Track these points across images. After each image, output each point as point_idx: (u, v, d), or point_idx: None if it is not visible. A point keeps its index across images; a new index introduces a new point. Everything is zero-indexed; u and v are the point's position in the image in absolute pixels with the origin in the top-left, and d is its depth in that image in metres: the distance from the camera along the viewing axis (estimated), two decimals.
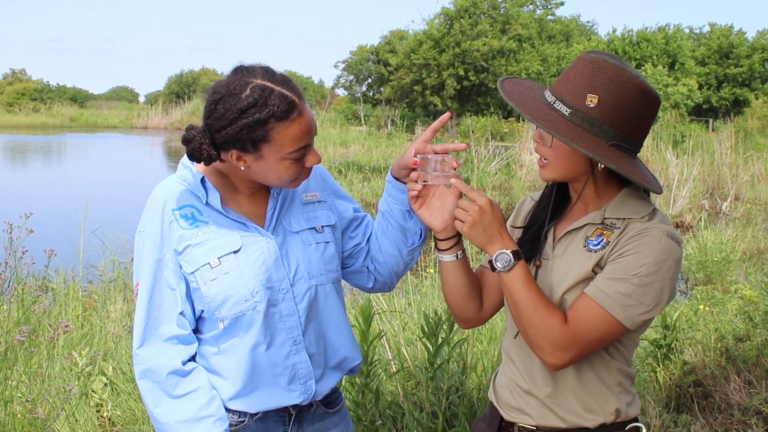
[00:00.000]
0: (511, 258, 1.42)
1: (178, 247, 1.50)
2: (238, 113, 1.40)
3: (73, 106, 52.32)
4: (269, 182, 1.52)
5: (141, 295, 1.52)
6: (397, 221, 1.63)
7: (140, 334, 1.51)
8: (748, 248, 8.38)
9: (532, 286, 1.42)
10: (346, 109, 40.04)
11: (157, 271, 1.51)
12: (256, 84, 1.41)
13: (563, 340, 1.38)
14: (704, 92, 37.31)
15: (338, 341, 1.63)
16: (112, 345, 4.06)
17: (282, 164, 1.46)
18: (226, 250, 1.51)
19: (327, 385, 1.63)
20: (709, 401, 3.44)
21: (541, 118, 1.39)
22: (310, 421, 1.63)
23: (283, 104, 1.41)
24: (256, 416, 1.57)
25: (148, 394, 1.51)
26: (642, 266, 1.36)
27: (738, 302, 4.52)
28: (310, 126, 1.47)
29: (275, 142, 1.43)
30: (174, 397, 1.50)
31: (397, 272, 1.71)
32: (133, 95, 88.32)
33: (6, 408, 2.95)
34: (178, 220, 1.51)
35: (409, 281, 4.53)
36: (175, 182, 1.56)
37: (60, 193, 13.52)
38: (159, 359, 1.50)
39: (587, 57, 1.40)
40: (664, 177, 13.11)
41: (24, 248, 3.74)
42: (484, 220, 1.43)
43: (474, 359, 3.42)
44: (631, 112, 1.37)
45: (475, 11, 34.23)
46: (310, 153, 1.50)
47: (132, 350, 1.55)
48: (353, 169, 14.82)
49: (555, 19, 45.42)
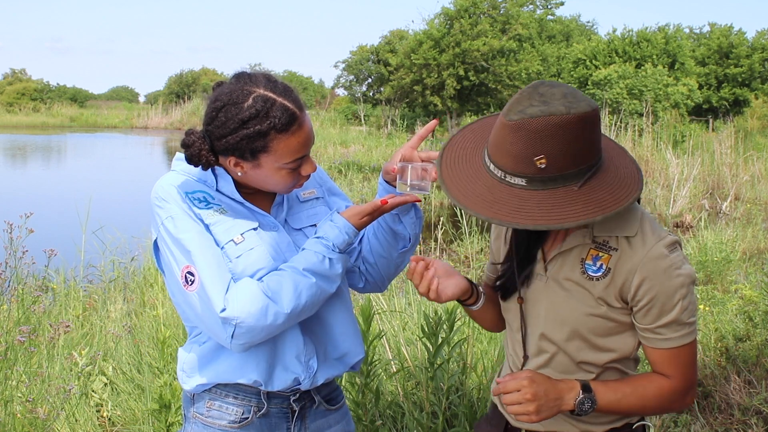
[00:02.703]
0: (587, 399, 1.38)
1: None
2: (240, 123, 1.42)
3: (73, 106, 52.34)
4: (265, 189, 1.55)
5: (201, 267, 1.44)
6: (388, 224, 1.63)
7: (221, 297, 1.42)
8: (748, 248, 8.38)
9: (620, 389, 1.41)
10: (346, 109, 40.06)
11: (207, 239, 1.47)
12: (259, 94, 1.43)
13: (682, 392, 1.43)
14: (704, 92, 37.29)
15: (342, 334, 1.64)
16: (112, 345, 4.06)
17: (279, 173, 1.49)
18: (247, 227, 1.52)
19: (329, 372, 1.62)
20: (709, 401, 3.44)
21: (505, 214, 1.30)
22: (312, 418, 1.65)
23: (284, 117, 1.43)
24: (260, 411, 1.58)
25: (286, 301, 1.44)
26: (676, 302, 1.37)
27: (738, 302, 4.52)
28: (309, 137, 1.49)
29: (274, 152, 1.45)
30: (293, 278, 1.46)
31: (388, 275, 1.71)
32: (133, 95, 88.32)
33: (6, 408, 2.95)
34: (193, 201, 1.52)
35: (409, 281, 4.52)
36: (177, 174, 1.57)
37: (60, 193, 13.53)
38: (248, 295, 1.42)
39: (513, 123, 1.27)
40: (664, 177, 13.11)
41: (24, 248, 3.74)
42: (539, 396, 1.35)
43: (474, 359, 3.42)
44: (583, 144, 1.29)
45: (475, 11, 34.20)
46: (306, 162, 1.52)
47: (216, 318, 1.42)
48: (353, 169, 14.81)
49: (555, 19, 45.40)
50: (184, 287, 1.46)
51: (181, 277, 1.46)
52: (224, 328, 1.42)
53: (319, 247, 1.49)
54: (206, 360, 1.57)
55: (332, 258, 1.50)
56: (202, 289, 1.43)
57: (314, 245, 1.50)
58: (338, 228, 1.51)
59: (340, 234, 1.51)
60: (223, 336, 1.43)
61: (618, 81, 31.28)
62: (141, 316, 4.65)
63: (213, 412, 1.58)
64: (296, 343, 1.56)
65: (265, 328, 1.43)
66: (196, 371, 1.58)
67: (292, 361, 1.56)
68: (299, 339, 1.56)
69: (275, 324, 1.44)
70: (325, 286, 1.50)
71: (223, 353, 1.55)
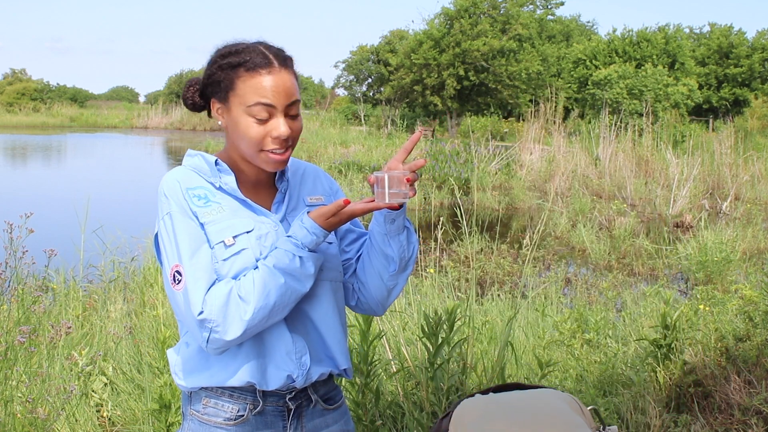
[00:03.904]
0: None
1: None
2: (219, 56, 1.53)
3: (73, 106, 52.38)
4: (240, 147, 1.53)
5: (188, 268, 1.46)
6: (378, 245, 1.61)
7: (200, 300, 1.44)
8: (748, 248, 8.39)
9: None
10: (346, 109, 40.06)
11: (199, 240, 1.49)
12: (250, 42, 1.54)
13: None
14: (704, 92, 37.30)
15: (329, 338, 1.63)
16: (112, 345, 4.06)
17: (244, 120, 1.50)
18: (240, 229, 1.52)
19: (323, 368, 1.62)
20: (709, 401, 3.44)
21: None
22: (309, 417, 1.64)
23: (257, 58, 1.49)
24: (255, 409, 1.57)
25: (257, 301, 1.45)
26: None
27: (738, 302, 4.51)
28: (279, 88, 1.49)
29: (239, 91, 1.49)
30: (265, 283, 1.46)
31: (381, 297, 1.67)
32: (133, 95, 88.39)
33: (6, 408, 2.95)
34: (192, 198, 1.53)
35: (409, 281, 4.52)
36: (185, 168, 1.59)
37: (60, 193, 13.53)
38: (222, 298, 1.44)
39: None
40: (664, 177, 13.12)
41: (24, 248, 3.73)
42: None
43: (474, 359, 3.42)
44: None
45: (475, 11, 34.20)
46: (277, 120, 1.50)
47: (194, 320, 1.44)
48: (353, 169, 14.81)
49: (555, 19, 45.42)
50: (171, 285, 1.49)
51: (170, 275, 1.49)
52: (200, 330, 1.44)
53: (289, 246, 1.50)
54: (196, 363, 1.58)
55: (302, 256, 1.49)
56: (186, 291, 1.45)
57: (285, 244, 1.51)
58: (306, 229, 1.51)
59: (308, 234, 1.50)
60: (200, 339, 1.46)
61: (618, 81, 31.28)
62: (141, 316, 4.65)
63: (209, 409, 1.58)
64: (284, 341, 1.56)
65: (236, 331, 1.45)
66: (188, 374, 1.59)
67: (283, 359, 1.56)
68: (287, 336, 1.56)
69: (246, 326, 1.45)
70: (295, 286, 1.50)
71: (211, 356, 1.55)
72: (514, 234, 9.71)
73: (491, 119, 29.97)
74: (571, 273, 7.66)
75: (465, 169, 13.99)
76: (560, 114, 17.21)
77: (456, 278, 6.11)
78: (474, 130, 24.48)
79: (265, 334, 1.54)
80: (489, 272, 7.10)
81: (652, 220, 11.14)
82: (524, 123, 19.31)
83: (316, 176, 1.72)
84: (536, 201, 12.68)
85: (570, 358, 3.92)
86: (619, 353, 4.00)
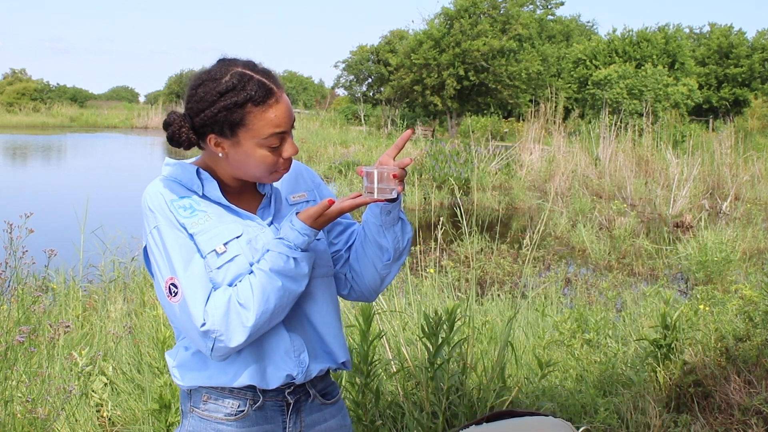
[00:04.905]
0: None
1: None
2: (217, 96, 1.45)
3: (73, 106, 52.37)
4: (247, 173, 1.53)
5: (183, 280, 1.46)
6: (373, 235, 1.62)
7: (201, 311, 1.45)
8: (748, 248, 8.39)
9: None
10: (346, 109, 40.07)
11: (190, 252, 1.49)
12: (237, 71, 1.47)
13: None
14: (704, 92, 37.31)
15: (326, 333, 1.64)
16: (112, 345, 4.06)
17: (258, 152, 1.48)
18: (229, 236, 1.52)
19: (322, 364, 1.63)
20: (709, 401, 3.44)
21: None
22: (308, 412, 1.65)
23: (261, 90, 1.45)
24: (256, 404, 1.58)
25: (257, 308, 1.46)
26: None
27: (738, 302, 4.51)
28: (287, 114, 1.49)
29: (252, 126, 1.46)
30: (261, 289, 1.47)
31: (374, 285, 1.69)
32: (133, 95, 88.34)
33: (6, 408, 2.95)
34: (177, 210, 1.52)
35: (409, 281, 4.53)
36: (166, 180, 1.57)
37: (60, 193, 13.53)
38: (222, 307, 1.45)
39: None
40: (664, 177, 13.12)
41: (24, 248, 3.73)
42: None
43: (474, 359, 3.42)
44: None
45: (475, 11, 34.20)
46: (287, 143, 1.51)
47: (197, 331, 1.45)
48: (353, 169, 14.82)
49: (555, 19, 45.43)
50: (167, 298, 1.49)
51: (165, 288, 1.49)
52: (204, 341, 1.45)
53: (282, 248, 1.50)
54: (194, 364, 1.59)
55: (296, 257, 1.50)
56: (184, 303, 1.46)
57: (277, 246, 1.51)
58: (297, 231, 1.51)
59: (300, 236, 1.51)
60: (204, 348, 1.47)
61: (618, 81, 31.29)
62: (141, 316, 4.65)
63: (209, 405, 1.59)
64: (281, 340, 1.57)
65: (240, 338, 1.46)
66: (187, 375, 1.60)
67: (282, 358, 1.57)
68: (284, 335, 1.57)
69: (249, 332, 1.47)
70: (292, 287, 1.51)
71: (210, 359, 1.56)
72: (514, 234, 9.71)
73: (491, 119, 29.96)
74: (571, 273, 7.66)
75: (465, 169, 13.99)
76: (560, 114, 17.21)
77: (456, 278, 6.11)
78: (474, 130, 24.49)
79: (263, 334, 1.54)
80: (489, 272, 7.10)
81: (652, 220, 11.15)
82: (524, 123, 19.32)
83: (297, 174, 1.71)
84: (536, 201, 12.69)
85: (570, 358, 3.92)
86: (619, 353, 4.00)
